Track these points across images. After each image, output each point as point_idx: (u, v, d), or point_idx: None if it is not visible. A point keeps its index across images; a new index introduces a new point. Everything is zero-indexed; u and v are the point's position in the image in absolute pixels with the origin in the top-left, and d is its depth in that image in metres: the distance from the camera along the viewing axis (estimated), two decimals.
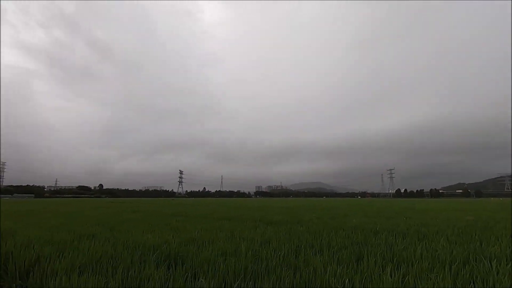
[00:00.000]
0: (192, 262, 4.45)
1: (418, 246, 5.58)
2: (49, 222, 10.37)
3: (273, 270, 3.99)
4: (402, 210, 20.28)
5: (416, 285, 3.41)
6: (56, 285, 3.62)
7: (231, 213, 15.76)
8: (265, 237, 6.88)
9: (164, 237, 6.79)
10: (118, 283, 3.48)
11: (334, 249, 5.54)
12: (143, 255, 4.97)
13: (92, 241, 6.27)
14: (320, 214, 14.90)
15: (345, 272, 3.87)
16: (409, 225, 9.64)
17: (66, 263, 4.41)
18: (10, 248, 5.72)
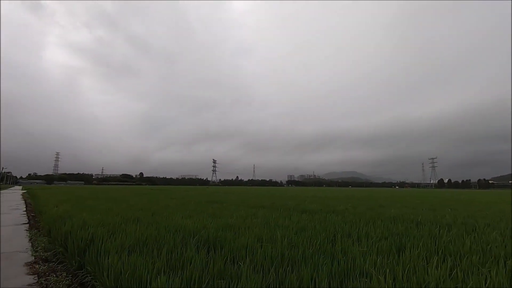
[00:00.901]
0: (230, 247, 4.60)
1: (467, 239, 5.22)
2: (99, 206, 11.33)
3: (310, 257, 4.00)
4: (446, 201, 19.02)
5: (465, 279, 3.20)
6: (109, 263, 3.97)
7: (264, 201, 15.95)
8: (300, 225, 6.88)
9: (202, 222, 7.09)
10: (163, 263, 3.71)
11: (373, 239, 5.38)
12: (184, 239, 5.25)
13: (137, 225, 6.75)
14: (355, 204, 14.52)
15: (386, 263, 3.75)
16: (455, 217, 9.03)
17: (116, 243, 4.81)
18: (69, 228, 6.37)
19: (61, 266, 5.48)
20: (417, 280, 3.03)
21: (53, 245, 6.65)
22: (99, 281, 4.02)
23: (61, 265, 5.58)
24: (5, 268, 5.15)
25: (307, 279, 3.07)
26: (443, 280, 3.03)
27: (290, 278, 3.10)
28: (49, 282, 4.39)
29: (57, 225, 7.33)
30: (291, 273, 3.28)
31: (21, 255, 6.06)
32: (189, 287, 3.06)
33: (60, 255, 6.01)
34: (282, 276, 3.23)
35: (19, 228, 9.58)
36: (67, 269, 5.33)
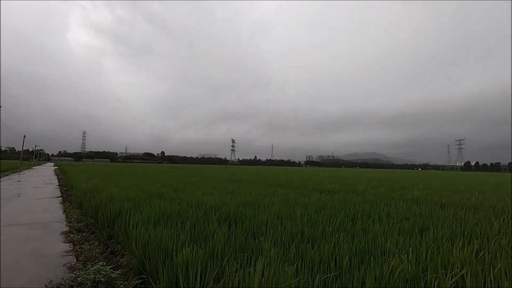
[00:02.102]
0: (251, 223, 4.70)
1: (495, 222, 5.02)
2: (125, 182, 11.88)
3: (330, 235, 4.01)
4: (473, 184, 18.29)
5: (493, 262, 3.10)
6: (137, 234, 4.19)
7: (283, 180, 16.05)
8: (319, 204, 6.89)
9: (222, 199, 7.27)
10: (187, 236, 3.87)
11: (394, 219, 5.31)
12: (206, 214, 5.42)
13: (161, 200, 7.04)
14: (375, 185, 14.28)
15: (408, 243, 3.70)
16: (482, 199, 8.68)
17: (143, 216, 5.05)
18: (98, 202, 6.76)
19: (93, 236, 5.86)
20: (442, 261, 2.97)
21: (85, 217, 7.11)
22: (128, 251, 4.28)
23: (93, 235, 5.97)
24: (44, 236, 5.59)
25: (327, 255, 3.10)
26: (469, 261, 2.95)
27: (311, 255, 3.13)
28: (83, 250, 4.73)
29: (87, 198, 7.79)
30: (312, 250, 3.32)
31: (57, 225, 6.54)
32: (212, 259, 3.18)
33: (92, 226, 6.43)
34: (302, 251, 3.28)
35: (53, 201, 10.29)
36: (98, 239, 5.71)
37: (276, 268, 2.52)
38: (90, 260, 4.26)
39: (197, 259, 2.86)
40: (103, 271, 3.48)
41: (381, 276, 2.51)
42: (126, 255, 4.37)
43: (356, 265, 2.87)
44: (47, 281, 3.41)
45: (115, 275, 3.54)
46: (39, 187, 15.36)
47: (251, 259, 3.03)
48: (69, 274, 3.62)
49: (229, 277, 2.43)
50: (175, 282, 2.97)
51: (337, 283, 2.40)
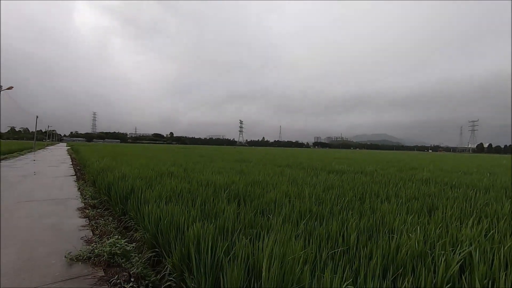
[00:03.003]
0: (259, 201, 4.78)
1: (506, 202, 4.97)
2: (136, 162, 12.12)
3: (338, 213, 4.06)
4: (484, 165, 17.98)
5: (502, 241, 3.10)
6: (149, 210, 4.32)
7: (290, 161, 16.10)
8: (327, 183, 6.92)
9: (231, 178, 7.36)
10: (198, 213, 3.97)
11: (403, 199, 5.31)
12: (215, 192, 5.52)
13: (171, 178, 7.18)
14: (385, 166, 14.20)
15: (417, 222, 3.71)
16: (494, 181, 8.55)
17: (154, 194, 5.18)
18: (111, 180, 6.95)
19: (107, 212, 6.09)
20: (450, 239, 2.98)
21: (99, 194, 7.36)
22: (141, 226, 4.44)
23: (107, 211, 6.19)
24: (62, 211, 5.83)
25: (335, 232, 3.15)
26: (478, 240, 2.95)
27: (319, 231, 3.19)
28: (98, 225, 4.93)
29: (100, 177, 8.01)
30: (320, 226, 3.37)
31: (73, 201, 6.80)
32: (222, 234, 3.27)
33: (105, 202, 6.66)
34: (310, 228, 3.34)
35: (68, 179, 10.64)
36: (112, 215, 5.93)
37: (285, 242, 2.58)
38: (105, 234, 4.44)
39: (208, 234, 2.95)
40: (118, 244, 3.64)
41: (388, 252, 2.55)
42: (139, 230, 4.54)
43: (363, 242, 2.91)
44: (66, 252, 3.59)
45: (130, 248, 3.70)
46: (54, 166, 15.86)
47: (260, 235, 3.10)
48: (86, 246, 3.80)
49: (239, 250, 2.50)
50: (187, 255, 3.08)
51: (344, 258, 2.45)
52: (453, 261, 2.31)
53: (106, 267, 3.26)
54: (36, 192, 7.82)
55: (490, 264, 2.37)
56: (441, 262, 2.26)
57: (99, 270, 3.18)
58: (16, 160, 18.90)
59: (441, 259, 2.33)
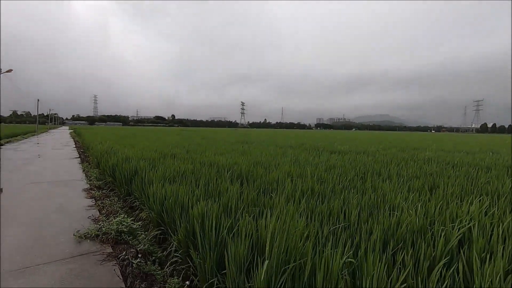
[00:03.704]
0: (262, 181, 4.83)
1: (508, 180, 4.99)
2: (138, 144, 12.19)
3: (339, 192, 4.10)
4: (488, 145, 17.93)
5: (502, 218, 3.14)
6: (153, 190, 4.39)
7: (293, 142, 16.12)
8: (329, 163, 6.95)
9: (234, 159, 7.41)
10: (202, 192, 4.03)
11: (404, 178, 5.35)
12: (218, 172, 5.58)
13: (174, 160, 7.24)
14: (387, 146, 14.20)
15: (418, 199, 3.76)
16: (496, 159, 8.55)
17: (158, 174, 5.25)
18: (115, 162, 7.02)
19: (112, 193, 6.20)
20: (450, 215, 3.02)
21: (103, 176, 7.46)
22: (146, 205, 4.53)
23: (112, 192, 6.31)
24: (68, 192, 5.94)
25: (337, 209, 3.20)
26: (478, 216, 2.99)
27: (321, 208, 3.24)
28: (104, 205, 5.03)
29: (104, 159, 8.09)
30: (321, 204, 3.42)
31: (78, 182, 6.91)
32: (226, 212, 3.34)
33: (110, 184, 6.77)
34: (312, 206, 3.39)
35: (72, 161, 10.76)
36: (117, 195, 6.04)
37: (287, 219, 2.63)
38: (111, 213, 4.55)
39: (212, 212, 3.01)
40: (125, 222, 3.74)
41: (389, 227, 2.60)
42: (144, 210, 4.65)
43: (364, 218, 2.97)
44: (74, 230, 3.70)
45: (136, 226, 3.80)
46: (58, 149, 15.99)
47: (263, 213, 3.16)
48: (94, 225, 3.91)
49: (242, 227, 2.56)
50: (192, 232, 3.17)
51: (346, 233, 2.51)
52: (452, 235, 2.36)
53: (114, 244, 3.36)
54: (42, 174, 7.94)
55: (488, 238, 2.42)
56: (440, 236, 2.31)
57: (107, 247, 3.29)
58: (20, 143, 19.05)
59: (440, 234, 2.38)
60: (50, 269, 2.79)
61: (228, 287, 2.22)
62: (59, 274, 2.71)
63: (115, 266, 2.86)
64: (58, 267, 2.84)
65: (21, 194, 5.68)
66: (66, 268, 2.82)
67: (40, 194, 5.73)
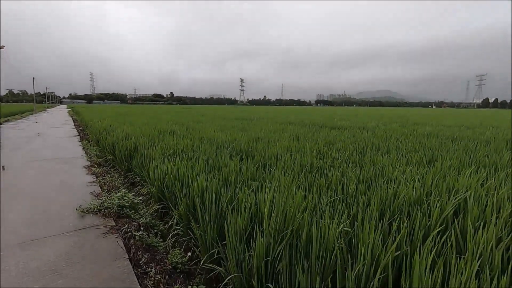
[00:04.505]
0: (261, 156, 4.85)
1: (506, 153, 5.01)
2: (138, 121, 12.13)
3: (338, 166, 4.13)
4: (489, 120, 17.86)
5: (497, 189, 3.18)
6: (153, 166, 4.42)
7: (292, 119, 16.05)
8: (328, 139, 6.95)
9: (233, 135, 7.40)
10: (202, 167, 4.06)
11: (403, 152, 5.37)
12: (218, 148, 5.59)
13: (174, 136, 7.23)
14: (387, 122, 14.14)
15: (416, 172, 3.79)
16: (496, 134, 8.55)
17: (158, 151, 5.26)
18: (114, 139, 7.01)
19: (113, 170, 6.25)
20: (447, 187, 3.06)
21: (103, 153, 7.50)
22: (147, 181, 4.58)
23: (113, 168, 6.36)
24: (70, 169, 5.99)
25: (335, 182, 3.24)
26: (474, 187, 3.03)
27: (319, 182, 3.28)
28: (105, 181, 5.09)
29: (103, 136, 8.09)
30: (320, 178, 3.46)
31: (79, 160, 6.95)
32: (226, 186, 3.38)
33: (111, 161, 6.81)
34: (311, 179, 3.42)
35: (72, 139, 10.76)
36: (118, 172, 6.10)
37: (286, 191, 2.67)
38: (113, 189, 4.61)
39: (212, 186, 3.04)
40: (126, 197, 3.79)
41: (386, 199, 2.64)
42: (145, 185, 4.71)
43: (362, 191, 3.00)
44: (77, 205, 3.77)
45: (138, 201, 3.87)
46: (56, 127, 15.95)
47: (262, 186, 3.20)
48: (96, 200, 3.97)
49: (242, 199, 2.60)
50: (192, 206, 3.22)
51: (343, 205, 2.55)
52: (448, 205, 2.40)
53: (116, 218, 3.44)
54: (42, 152, 7.97)
55: (483, 208, 2.46)
56: (436, 206, 2.35)
57: (109, 221, 3.36)
58: (18, 122, 18.97)
59: (436, 205, 2.42)
60: (55, 242, 2.87)
61: (228, 256, 2.29)
62: (64, 246, 2.79)
63: (118, 238, 2.94)
64: (62, 239, 2.93)
65: (22, 171, 5.73)
66: (71, 241, 2.90)
67: (41, 171, 5.78)
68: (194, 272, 2.75)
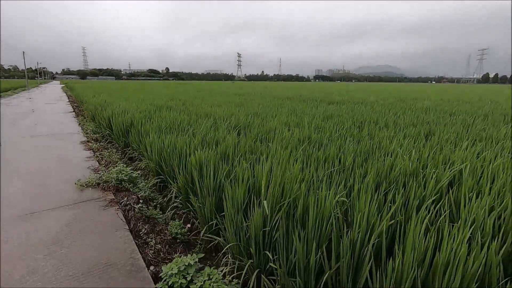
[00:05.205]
0: (259, 130, 4.83)
1: (503, 127, 5.02)
2: (133, 97, 11.92)
3: (336, 140, 4.13)
4: (488, 94, 17.74)
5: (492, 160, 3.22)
6: (150, 140, 4.40)
7: (290, 94, 15.85)
8: (327, 114, 6.91)
9: (231, 110, 7.32)
10: (199, 141, 4.04)
11: (401, 126, 5.36)
12: (215, 123, 5.55)
13: (170, 111, 7.15)
14: (386, 97, 14.02)
15: (413, 145, 3.80)
16: (494, 109, 8.52)
17: (154, 126, 5.21)
18: (110, 114, 6.92)
19: (110, 145, 6.23)
20: (443, 160, 3.08)
21: (100, 129, 7.43)
22: (145, 156, 4.58)
23: (110, 144, 6.33)
24: (66, 145, 5.96)
25: (332, 156, 3.25)
26: (470, 159, 3.05)
27: (317, 155, 3.29)
28: (103, 156, 5.08)
29: (99, 112, 7.97)
30: (318, 151, 3.46)
31: (75, 136, 6.90)
32: (223, 159, 3.38)
33: (107, 136, 6.77)
34: (309, 153, 3.43)
35: (67, 115, 10.63)
36: (115, 147, 6.08)
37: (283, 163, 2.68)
38: (110, 163, 4.62)
39: (210, 159, 3.04)
40: (124, 171, 3.80)
41: (382, 170, 2.67)
42: (143, 160, 4.71)
43: (359, 163, 3.02)
44: (76, 179, 3.78)
45: (136, 175, 3.88)
46: (51, 103, 15.69)
47: (260, 159, 3.21)
48: (94, 174, 3.99)
49: (239, 172, 2.61)
50: (190, 180, 3.25)
51: (340, 176, 2.57)
52: (443, 176, 2.43)
53: (115, 192, 3.47)
54: (38, 128, 7.88)
55: (478, 179, 2.50)
56: (431, 177, 2.38)
57: (109, 194, 3.40)
58: (11, 98, 18.62)
59: (432, 176, 2.44)
60: (56, 214, 2.91)
61: (227, 226, 2.34)
62: (65, 218, 2.83)
63: (117, 210, 2.98)
64: (62, 212, 2.96)
65: (19, 147, 5.69)
66: (71, 213, 2.94)
67: (38, 147, 5.74)
68: (193, 242, 2.83)
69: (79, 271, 2.07)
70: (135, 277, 2.04)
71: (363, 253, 1.63)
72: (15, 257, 2.22)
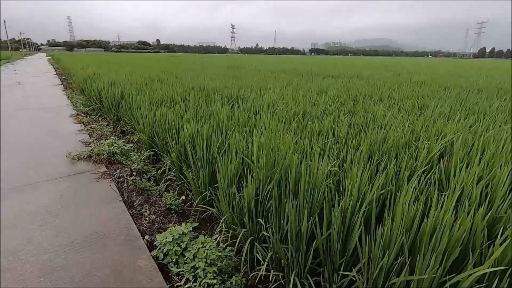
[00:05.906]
0: (253, 103, 4.75)
1: (496, 101, 5.04)
2: (123, 70, 11.54)
3: (330, 113, 4.10)
4: (484, 69, 17.66)
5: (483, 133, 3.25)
6: (142, 114, 4.31)
7: (285, 67, 15.52)
8: (322, 87, 6.82)
9: (224, 83, 7.17)
10: (192, 114, 3.98)
11: (395, 99, 5.34)
12: (208, 96, 5.44)
13: (162, 84, 6.96)
14: (381, 71, 13.85)
15: (407, 118, 3.81)
16: (489, 83, 8.51)
17: (146, 99, 5.08)
18: (100, 87, 6.72)
19: (101, 118, 6.11)
20: (436, 132, 3.11)
21: (89, 102, 7.25)
22: (137, 129, 4.52)
23: (101, 117, 6.21)
24: (56, 118, 5.83)
25: (326, 128, 3.24)
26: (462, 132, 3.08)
27: (311, 127, 3.27)
28: (94, 129, 4.99)
29: (88, 84, 7.73)
30: (312, 124, 3.44)
31: (65, 109, 6.73)
32: (216, 132, 3.35)
33: (98, 109, 6.62)
34: (303, 125, 3.41)
35: (55, 88, 10.30)
36: (107, 121, 5.97)
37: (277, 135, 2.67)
38: (102, 136, 4.55)
39: (203, 132, 3.01)
40: (116, 144, 3.76)
41: (375, 142, 2.68)
42: (136, 133, 4.65)
43: (353, 135, 3.03)
44: (67, 152, 3.73)
45: (128, 148, 3.85)
46: (38, 75, 15.13)
47: (254, 133, 3.19)
48: (86, 147, 3.93)
49: (233, 144, 2.60)
50: (183, 153, 3.23)
51: (333, 148, 2.58)
52: (435, 148, 2.45)
53: (108, 164, 3.45)
54: (26, 101, 7.65)
55: (468, 150, 2.53)
56: (423, 149, 2.40)
57: (101, 167, 3.37)
58: None
59: (423, 147, 2.46)
60: (49, 186, 2.90)
61: (220, 197, 2.36)
62: (58, 190, 2.82)
63: (111, 183, 2.98)
64: (56, 184, 2.95)
65: (8, 120, 5.54)
66: (64, 185, 2.92)
67: (27, 120, 5.60)
68: (188, 213, 2.87)
69: (75, 240, 2.10)
70: (130, 246, 2.07)
71: (353, 221, 1.67)
72: (10, 228, 2.23)
